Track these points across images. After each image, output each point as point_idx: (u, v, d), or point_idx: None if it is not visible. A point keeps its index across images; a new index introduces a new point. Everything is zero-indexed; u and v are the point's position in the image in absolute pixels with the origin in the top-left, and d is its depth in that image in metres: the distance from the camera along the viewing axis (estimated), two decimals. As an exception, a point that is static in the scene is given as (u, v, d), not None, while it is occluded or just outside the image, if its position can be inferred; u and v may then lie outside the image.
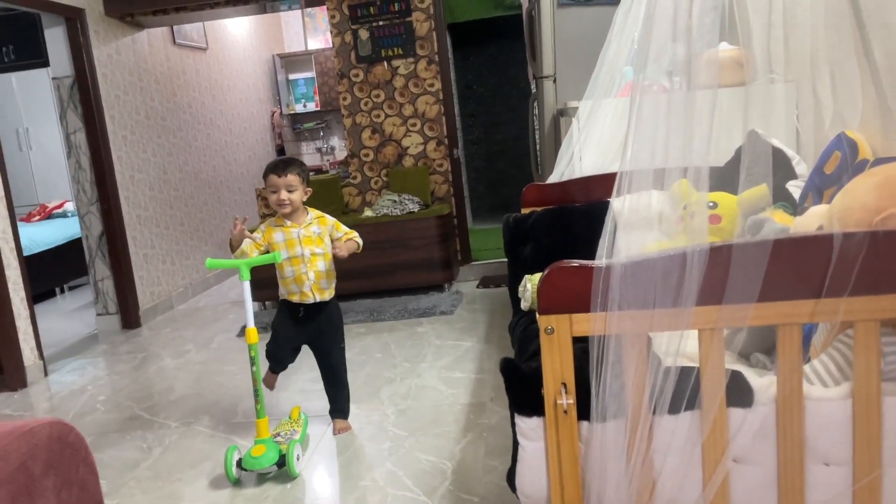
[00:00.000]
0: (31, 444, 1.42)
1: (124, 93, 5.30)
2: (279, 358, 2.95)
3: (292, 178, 2.69)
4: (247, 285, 2.65)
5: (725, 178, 1.97)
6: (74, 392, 3.87)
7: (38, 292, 5.63)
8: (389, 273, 5.18)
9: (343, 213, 5.52)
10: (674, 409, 1.14)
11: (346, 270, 5.27)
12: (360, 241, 2.86)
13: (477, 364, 3.59)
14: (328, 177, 5.89)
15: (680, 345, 1.16)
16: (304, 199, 2.79)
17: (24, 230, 5.27)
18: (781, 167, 1.97)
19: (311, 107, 9.00)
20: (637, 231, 1.59)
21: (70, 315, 5.92)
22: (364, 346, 4.09)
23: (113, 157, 5.04)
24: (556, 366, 1.15)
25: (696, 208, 1.94)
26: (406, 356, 3.84)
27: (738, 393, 1.17)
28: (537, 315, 1.16)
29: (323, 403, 3.05)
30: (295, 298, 2.82)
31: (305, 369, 3.54)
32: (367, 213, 5.33)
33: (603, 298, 1.09)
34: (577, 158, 2.44)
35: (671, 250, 1.07)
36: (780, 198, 1.91)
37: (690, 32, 1.38)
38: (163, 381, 3.92)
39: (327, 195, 5.43)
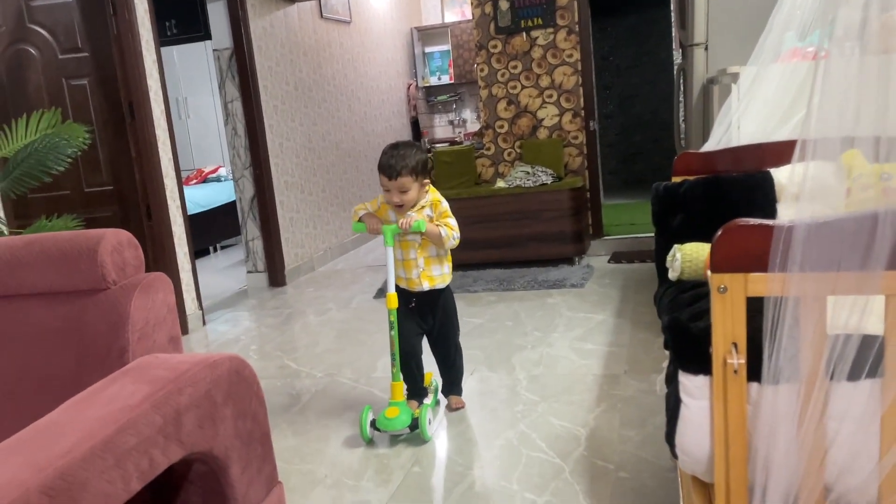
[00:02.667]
0: (215, 375, 1.57)
1: (276, 64, 5.59)
2: (406, 345, 2.70)
3: (405, 181, 2.48)
4: (390, 251, 2.62)
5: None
6: (229, 341, 4.20)
7: (195, 250, 6.12)
8: (520, 244, 5.21)
9: (476, 183, 5.59)
10: (853, 376, 1.10)
11: (477, 240, 5.40)
12: (447, 233, 2.57)
13: (609, 337, 3.57)
14: (462, 147, 5.97)
15: (861, 320, 1.11)
16: (424, 192, 2.61)
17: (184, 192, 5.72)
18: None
19: (445, 79, 9.11)
20: (802, 203, 1.53)
21: (222, 272, 6.40)
22: (495, 314, 4.15)
23: (265, 124, 5.36)
24: (727, 325, 1.14)
25: (868, 180, 1.83)
26: (536, 325, 3.86)
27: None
28: (709, 274, 1.15)
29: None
30: (402, 284, 2.69)
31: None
32: (500, 184, 5.37)
33: (783, 258, 1.06)
34: (736, 127, 2.34)
35: (862, 211, 1.03)
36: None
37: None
38: (307, 335, 4.17)
39: (461, 165, 5.52)
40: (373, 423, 2.61)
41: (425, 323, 2.76)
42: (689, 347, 1.24)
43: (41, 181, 2.77)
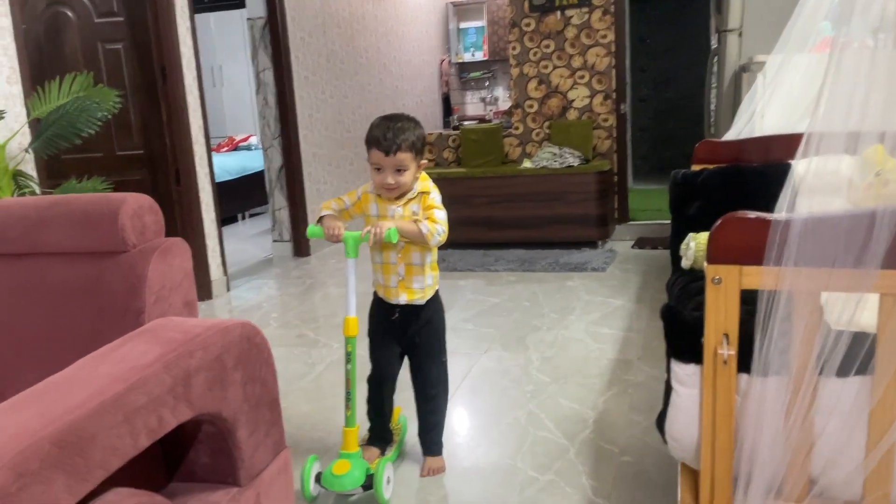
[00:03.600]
0: (226, 340, 1.62)
1: (309, 35, 5.62)
2: (380, 369, 2.29)
3: (403, 157, 2.01)
4: (351, 265, 2.11)
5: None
6: (252, 307, 4.29)
7: (222, 217, 6.22)
8: (543, 226, 5.21)
9: (502, 162, 5.58)
10: (842, 372, 1.11)
11: (500, 220, 5.41)
12: (428, 228, 2.02)
13: (626, 322, 3.57)
14: (490, 126, 5.95)
15: (854, 313, 1.11)
16: (418, 177, 2.12)
17: (214, 159, 5.80)
18: None
19: (479, 56, 9.05)
20: (820, 197, 1.52)
21: (249, 240, 6.50)
22: (513, 294, 4.17)
23: (296, 95, 5.40)
24: (719, 316, 1.15)
25: (891, 175, 1.80)
26: (554, 307, 3.88)
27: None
28: (705, 264, 1.15)
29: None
30: (380, 293, 2.23)
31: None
32: (527, 164, 5.36)
33: (778, 253, 1.07)
34: (759, 116, 2.31)
35: (859, 209, 1.03)
36: None
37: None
38: (327, 306, 4.24)
39: (488, 144, 5.51)
40: (318, 478, 2.12)
41: (406, 342, 2.26)
42: (681, 336, 1.26)
43: (72, 143, 2.84)
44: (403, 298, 2.17)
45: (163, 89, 4.18)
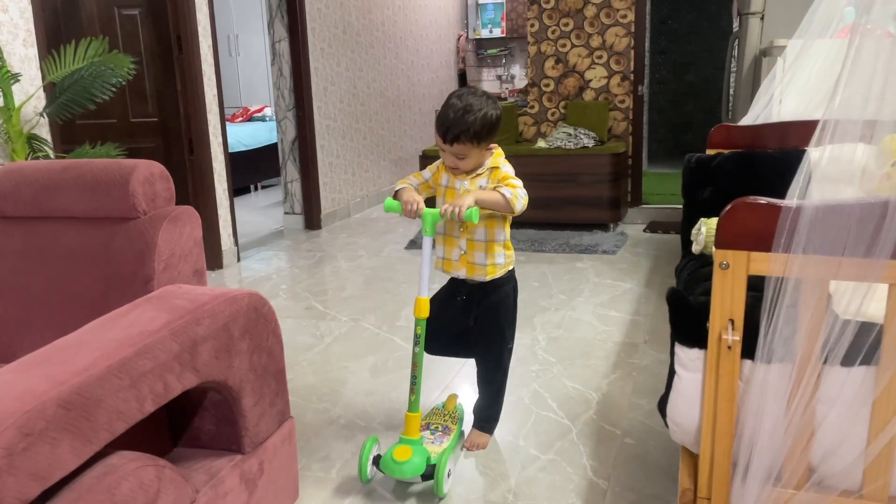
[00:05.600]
0: (233, 309, 1.64)
1: (326, 6, 5.57)
2: (436, 342, 2.19)
3: (461, 148, 1.93)
4: (427, 243, 2.00)
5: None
6: (261, 278, 4.31)
7: (235, 188, 6.24)
8: (555, 206, 5.18)
9: (516, 141, 5.55)
10: (847, 361, 1.10)
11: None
12: (511, 193, 1.95)
13: (634, 306, 3.56)
14: (506, 104, 5.91)
15: (862, 303, 1.10)
16: (488, 157, 2.06)
17: (228, 129, 5.81)
18: None
19: (497, 33, 8.96)
20: (833, 185, 1.50)
21: (261, 211, 6.52)
22: (522, 274, 4.16)
23: (311, 67, 5.37)
24: (725, 301, 1.14)
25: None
26: (562, 289, 3.87)
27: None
28: (713, 249, 1.15)
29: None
30: (438, 266, 2.14)
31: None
32: (541, 143, 5.32)
33: (787, 239, 1.06)
34: (777, 101, 2.28)
35: (872, 197, 1.01)
36: None
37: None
38: (336, 279, 4.26)
39: (503, 122, 5.46)
40: (376, 461, 2.05)
41: (467, 320, 2.17)
42: (686, 320, 1.25)
43: (86, 108, 2.85)
44: (463, 273, 2.09)
45: (178, 57, 4.17)
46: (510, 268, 2.13)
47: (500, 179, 2.01)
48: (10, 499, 1.04)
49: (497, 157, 2.07)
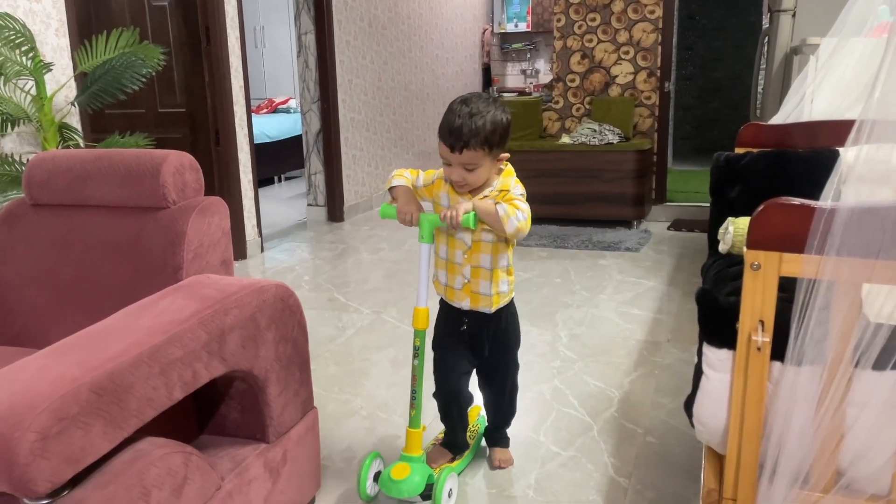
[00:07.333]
0: (261, 300, 1.65)
1: (352, -1, 5.59)
2: (447, 388, 2.01)
3: (472, 155, 1.70)
4: (425, 250, 1.85)
5: None
6: (284, 269, 4.35)
7: (259, 179, 6.29)
8: (578, 203, 5.16)
9: (540, 136, 5.53)
10: (879, 365, 1.09)
11: (535, 195, 5.31)
12: (506, 210, 1.72)
13: (657, 304, 3.54)
14: (530, 99, 5.88)
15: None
16: (498, 171, 1.84)
17: (253, 121, 5.84)
18: None
19: (523, 27, 8.92)
20: (868, 186, 1.48)
21: (284, 202, 6.57)
22: (544, 270, 4.16)
23: (336, 59, 5.39)
24: (756, 302, 1.13)
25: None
26: (585, 285, 3.86)
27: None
28: (745, 249, 1.14)
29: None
30: (440, 292, 1.98)
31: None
32: (565, 139, 5.30)
33: (821, 241, 1.05)
34: (808, 101, 2.25)
35: (909, 200, 1.00)
36: None
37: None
38: (359, 271, 4.28)
39: (527, 117, 5.45)
40: (376, 477, 1.97)
41: (476, 354, 2.00)
42: (715, 320, 1.24)
43: (116, 98, 2.88)
44: (467, 304, 1.90)
45: (206, 49, 4.20)
46: (512, 295, 1.97)
47: (503, 196, 1.80)
48: (44, 481, 1.06)
49: (508, 176, 1.84)
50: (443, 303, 2.00)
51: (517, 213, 1.72)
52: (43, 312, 1.83)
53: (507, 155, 1.82)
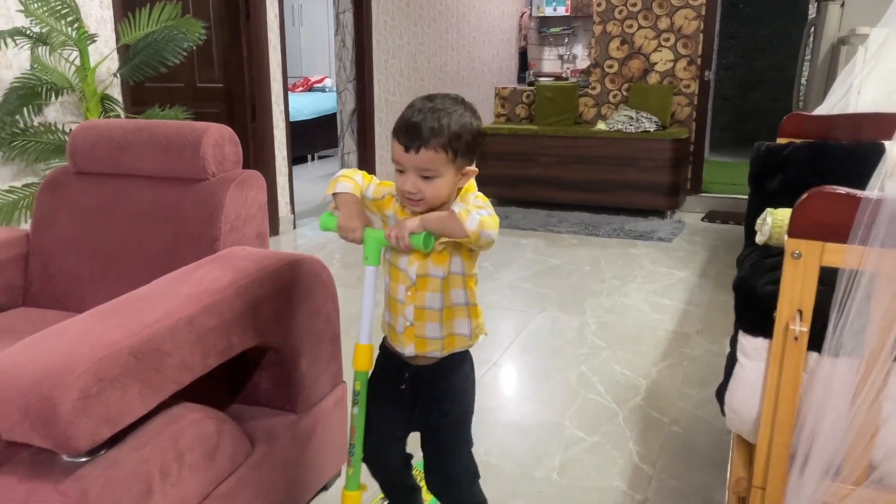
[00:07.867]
0: (295, 273, 1.67)
1: (391, -21, 5.57)
2: (376, 454, 1.51)
3: (430, 158, 1.28)
4: (370, 273, 1.40)
5: None
6: (316, 246, 4.38)
7: (293, 157, 6.33)
8: (611, 190, 5.12)
9: (575, 122, 5.48)
10: (920, 360, 1.07)
11: (568, 181, 5.33)
12: (462, 208, 1.27)
13: (688, 295, 3.51)
14: (567, 84, 5.83)
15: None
16: (459, 188, 1.35)
17: (288, 98, 5.87)
18: None
19: (562, 11, 8.81)
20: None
21: (317, 181, 6.60)
22: (574, 257, 4.14)
23: (374, 39, 5.39)
24: (795, 291, 1.12)
25: None
26: (615, 274, 3.84)
27: None
28: (786, 237, 1.12)
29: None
30: (384, 330, 1.50)
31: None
32: (601, 125, 5.24)
33: (865, 232, 1.03)
34: (855, 92, 2.20)
35: (960, 192, 0.98)
36: None
37: None
38: (388, 251, 4.30)
39: (563, 103, 5.40)
40: None
41: (415, 416, 1.48)
42: (752, 308, 1.23)
43: (157, 71, 2.92)
44: (411, 350, 1.42)
45: (245, 25, 4.23)
46: (476, 341, 1.46)
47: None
48: (84, 438, 1.10)
49: (467, 192, 1.37)
50: (383, 346, 1.52)
51: (481, 212, 1.26)
52: (83, 278, 1.88)
53: (473, 170, 1.34)
